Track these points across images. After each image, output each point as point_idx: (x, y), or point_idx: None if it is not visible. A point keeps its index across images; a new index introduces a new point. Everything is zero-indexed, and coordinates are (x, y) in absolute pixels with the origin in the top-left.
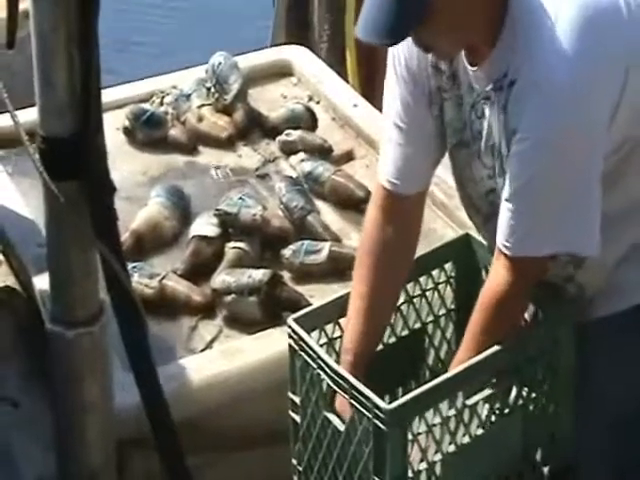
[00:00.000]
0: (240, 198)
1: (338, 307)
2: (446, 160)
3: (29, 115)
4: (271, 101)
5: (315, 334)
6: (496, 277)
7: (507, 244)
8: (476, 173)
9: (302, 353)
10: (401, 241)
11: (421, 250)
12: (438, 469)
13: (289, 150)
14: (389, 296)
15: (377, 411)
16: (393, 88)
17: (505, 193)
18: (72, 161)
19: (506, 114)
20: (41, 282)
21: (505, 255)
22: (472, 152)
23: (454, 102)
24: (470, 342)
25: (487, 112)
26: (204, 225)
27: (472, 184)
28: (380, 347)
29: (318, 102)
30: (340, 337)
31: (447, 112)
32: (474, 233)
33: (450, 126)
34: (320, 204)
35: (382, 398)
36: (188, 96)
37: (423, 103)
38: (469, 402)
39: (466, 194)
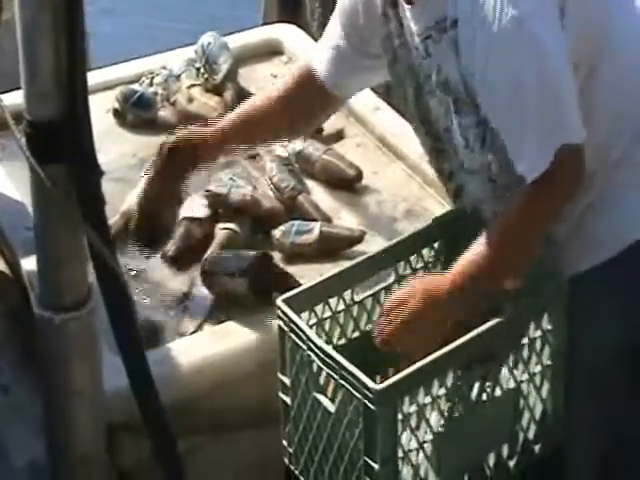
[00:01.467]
0: (230, 178)
1: (328, 287)
2: None
3: (17, 98)
4: (261, 80)
5: (305, 315)
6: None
7: (528, 172)
8: (434, 112)
9: (291, 334)
10: (296, 105)
11: (413, 228)
12: (429, 448)
13: None
14: (273, 118)
15: (367, 391)
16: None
17: (493, 121)
18: (58, 145)
19: (458, 55)
20: (30, 266)
21: (535, 182)
22: (426, 92)
23: (405, 47)
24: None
25: (432, 50)
26: (194, 206)
27: (432, 124)
28: (370, 327)
29: None
30: (330, 317)
31: (401, 59)
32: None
33: (408, 72)
34: (311, 184)
35: (373, 379)
36: (178, 76)
37: (375, 44)
38: (459, 381)
39: (430, 141)
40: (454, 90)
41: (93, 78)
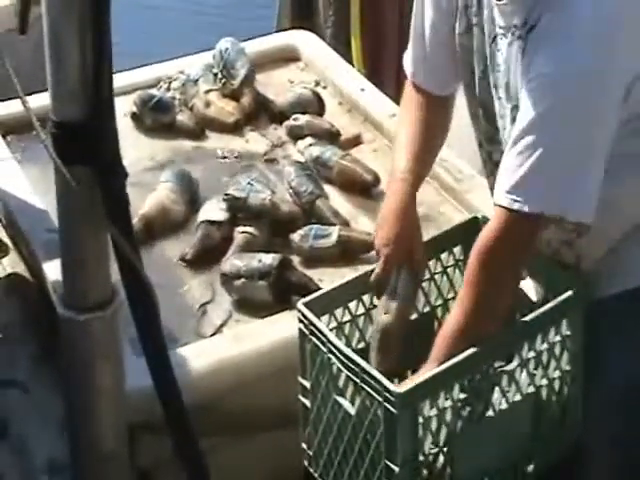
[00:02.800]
0: (249, 183)
1: (348, 291)
2: (452, 142)
3: (37, 100)
4: (278, 86)
5: (325, 318)
6: (496, 227)
7: (516, 197)
8: (493, 107)
9: (312, 337)
10: (434, 119)
11: (430, 234)
12: (448, 452)
13: (296, 135)
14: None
15: (387, 394)
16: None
17: (511, 137)
18: (84, 146)
19: (524, 58)
20: (51, 268)
21: (500, 206)
22: (488, 86)
23: (479, 28)
24: (460, 297)
25: (504, 48)
26: (213, 210)
27: (487, 118)
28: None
29: (325, 87)
30: (349, 321)
31: (475, 38)
32: (482, 216)
33: (478, 54)
34: (328, 188)
35: (392, 382)
36: (195, 81)
37: (449, 24)
38: (480, 385)
39: (478, 127)
40: (514, 98)
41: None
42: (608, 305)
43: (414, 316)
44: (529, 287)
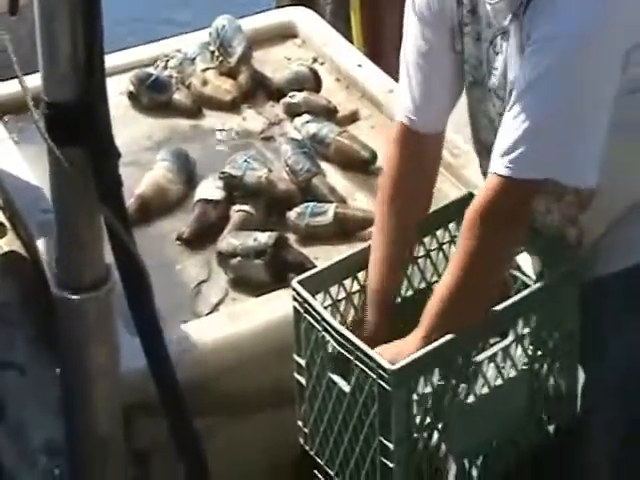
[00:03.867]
0: (245, 161)
1: (342, 269)
2: (452, 118)
3: (34, 81)
4: (275, 63)
5: (320, 296)
6: (488, 194)
7: (508, 164)
8: (490, 110)
9: (307, 315)
10: (420, 178)
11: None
12: (443, 429)
13: (293, 112)
14: (409, 238)
15: (381, 371)
16: (414, 29)
17: (510, 101)
18: (76, 127)
19: (522, 35)
20: (46, 248)
21: (501, 175)
22: (486, 89)
23: (473, 37)
24: (453, 263)
25: (504, 47)
26: (209, 188)
27: (485, 122)
28: None
29: (322, 63)
30: (344, 299)
31: (466, 47)
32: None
33: (468, 62)
34: (325, 166)
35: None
36: (192, 60)
37: (446, 41)
38: (474, 362)
39: (478, 138)
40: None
41: (108, 61)
42: (608, 283)
43: (409, 293)
44: (526, 262)
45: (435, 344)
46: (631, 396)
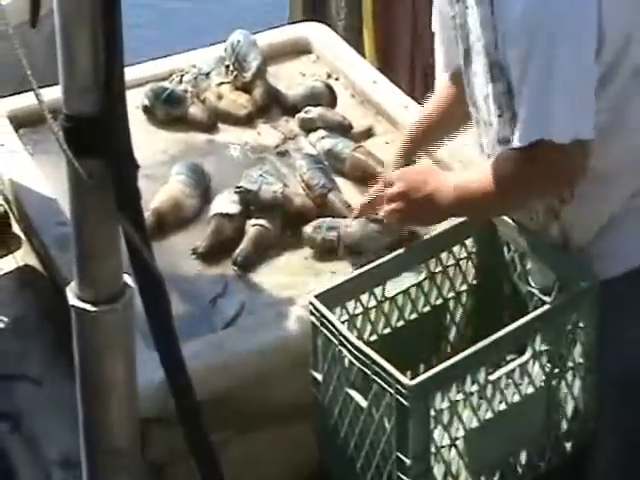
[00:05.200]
0: (260, 175)
1: (359, 284)
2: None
3: (50, 94)
4: (290, 78)
5: (336, 311)
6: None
7: (516, 134)
8: (479, 79)
9: (324, 330)
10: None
11: (443, 225)
12: (461, 445)
13: (309, 127)
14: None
15: (399, 387)
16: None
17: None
18: (96, 139)
19: (492, 7)
20: (62, 260)
21: (516, 149)
22: (475, 57)
23: (462, 4)
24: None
25: (474, 9)
26: (225, 202)
27: (477, 94)
28: (401, 324)
29: (337, 79)
30: (361, 314)
31: (458, 15)
32: None
33: (461, 30)
34: (341, 181)
35: (404, 375)
36: (207, 74)
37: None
38: (491, 378)
39: (474, 112)
40: (488, 54)
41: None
42: (609, 287)
43: (426, 309)
44: (541, 277)
45: (453, 360)
46: (626, 404)
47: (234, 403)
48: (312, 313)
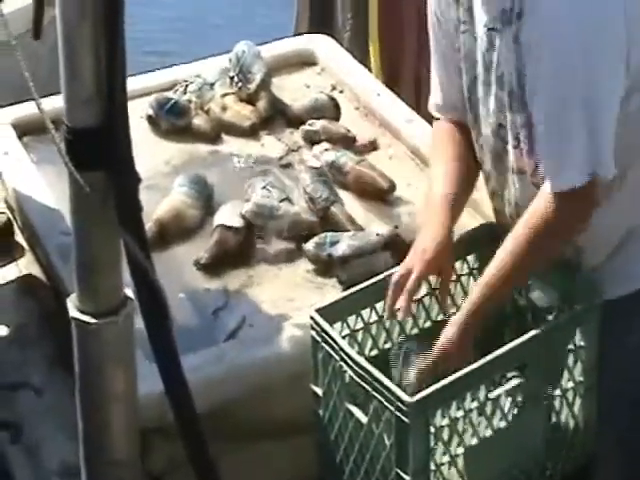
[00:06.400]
0: (264, 187)
1: (361, 299)
2: None
3: (54, 103)
4: (294, 90)
5: (337, 326)
6: (545, 207)
7: (549, 180)
8: (488, 106)
9: (324, 345)
10: (464, 149)
11: None
12: (460, 462)
13: (312, 139)
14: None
15: (399, 403)
16: (433, 29)
17: (538, 123)
18: (97, 151)
19: (519, 45)
20: (65, 270)
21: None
22: (484, 87)
23: (470, 35)
24: (503, 256)
25: (497, 43)
26: (229, 215)
27: (484, 119)
28: (402, 339)
29: (342, 91)
30: (362, 329)
31: (464, 45)
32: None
33: (467, 60)
34: (343, 194)
35: (404, 391)
36: (212, 85)
37: (450, 40)
38: (492, 395)
39: (479, 138)
40: (508, 84)
41: (128, 85)
42: (618, 306)
43: (427, 324)
44: (543, 295)
45: (452, 377)
46: (628, 421)
47: (234, 416)
48: (313, 328)
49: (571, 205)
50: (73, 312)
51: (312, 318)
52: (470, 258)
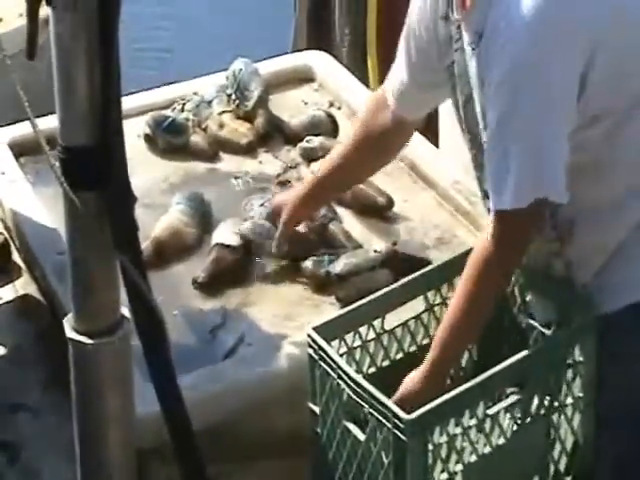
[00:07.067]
0: (262, 205)
1: (358, 316)
2: (468, 164)
3: (50, 122)
4: (292, 107)
5: (335, 343)
6: (485, 235)
7: (491, 197)
8: (479, 122)
9: (322, 363)
10: (384, 140)
11: (444, 256)
12: (459, 479)
13: (310, 156)
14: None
15: (397, 421)
16: (408, 36)
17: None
18: (92, 171)
19: (479, 65)
20: (62, 291)
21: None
22: (474, 101)
23: (462, 52)
24: (454, 300)
25: (473, 63)
26: (226, 233)
27: (484, 136)
28: (400, 356)
29: (339, 108)
30: (360, 347)
31: (458, 63)
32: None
33: (461, 78)
34: (341, 211)
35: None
36: (209, 103)
37: (434, 56)
38: (490, 412)
39: (479, 156)
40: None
41: (125, 103)
42: (612, 320)
43: (425, 341)
44: (540, 310)
45: (451, 394)
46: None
47: (232, 434)
48: (310, 345)
49: (510, 226)
50: (70, 333)
51: (309, 336)
52: (444, 288)
